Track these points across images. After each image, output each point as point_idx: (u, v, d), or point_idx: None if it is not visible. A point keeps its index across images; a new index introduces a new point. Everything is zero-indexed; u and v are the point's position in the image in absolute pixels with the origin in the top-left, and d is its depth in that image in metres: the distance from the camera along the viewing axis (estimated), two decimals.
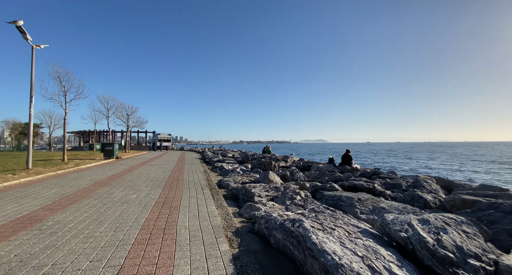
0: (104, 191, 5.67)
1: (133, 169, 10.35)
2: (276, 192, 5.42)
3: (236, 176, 7.97)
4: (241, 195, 5.43)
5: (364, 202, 4.28)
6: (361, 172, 7.68)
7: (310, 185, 6.16)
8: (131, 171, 9.44)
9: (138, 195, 5.27)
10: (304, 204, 4.12)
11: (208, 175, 8.62)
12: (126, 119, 27.75)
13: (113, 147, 15.83)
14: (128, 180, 7.34)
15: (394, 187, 5.63)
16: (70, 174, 8.60)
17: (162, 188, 6.07)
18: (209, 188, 6.15)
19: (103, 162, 13.79)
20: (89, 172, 9.13)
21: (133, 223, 3.47)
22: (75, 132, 47.92)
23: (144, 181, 7.09)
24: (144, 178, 7.78)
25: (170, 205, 4.47)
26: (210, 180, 7.50)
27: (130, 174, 8.69)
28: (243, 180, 7.23)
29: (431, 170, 20.72)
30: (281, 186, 5.69)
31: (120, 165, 12.19)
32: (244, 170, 9.95)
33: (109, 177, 7.96)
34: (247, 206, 4.28)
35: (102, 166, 11.45)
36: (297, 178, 7.78)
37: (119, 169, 10.14)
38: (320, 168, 9.11)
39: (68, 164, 11.28)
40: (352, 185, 5.64)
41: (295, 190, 5.16)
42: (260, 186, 5.52)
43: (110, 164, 12.50)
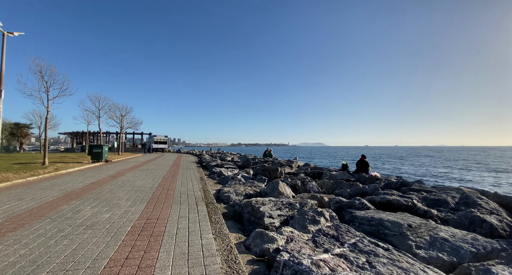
0: (70, 208, 4.44)
1: (120, 175, 9.09)
2: (290, 210, 4.24)
3: (237, 185, 6.78)
4: (246, 213, 4.23)
5: (417, 230, 3.12)
6: (385, 182, 6.53)
7: (331, 199, 4.99)
8: (116, 178, 8.19)
9: (113, 214, 4.05)
10: (337, 233, 2.94)
11: (204, 184, 7.41)
12: (119, 119, 26.45)
13: (101, 150, 14.53)
14: (107, 190, 6.10)
15: (438, 204, 4.48)
16: (42, 182, 7.33)
17: (147, 203, 4.85)
18: (205, 203, 4.94)
19: (89, 166, 12.49)
20: (66, 179, 7.86)
21: (86, 270, 2.27)
22: (68, 133, 46.31)
23: (127, 192, 5.86)
24: (128, 187, 6.55)
25: (150, 232, 3.25)
26: (207, 191, 6.29)
27: (113, 182, 7.44)
28: (247, 191, 6.04)
29: (455, 179, 18.07)
30: (296, 202, 4.51)
31: (107, 170, 10.91)
32: (246, 177, 8.75)
33: (86, 186, 6.71)
34: (256, 235, 3.09)
35: (86, 171, 10.18)
36: (309, 188, 6.60)
37: (102, 175, 8.87)
38: (334, 176, 7.94)
39: (46, 169, 9.99)
40: (385, 202, 4.47)
41: (316, 209, 3.99)
42: (270, 202, 4.33)
43: (96, 169, 11.22)
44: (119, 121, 26.35)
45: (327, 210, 4.06)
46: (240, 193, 5.80)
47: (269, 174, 8.86)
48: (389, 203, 4.42)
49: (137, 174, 9.45)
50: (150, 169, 11.28)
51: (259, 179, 7.91)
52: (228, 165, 13.15)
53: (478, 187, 9.21)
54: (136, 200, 5.11)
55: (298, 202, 4.47)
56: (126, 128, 27.56)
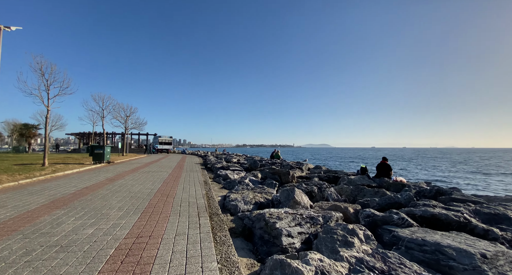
0: (51, 220, 3.77)
1: (118, 178, 8.47)
2: (312, 226, 3.46)
3: (245, 191, 6.03)
4: (258, 229, 3.47)
5: (494, 263, 2.29)
6: (416, 190, 5.66)
7: (357, 211, 4.18)
8: (113, 181, 7.55)
9: (97, 230, 3.35)
10: (386, 267, 2.15)
11: (209, 189, 6.69)
12: (124, 120, 26.12)
13: (103, 150, 14.03)
14: (100, 196, 5.44)
15: (497, 221, 3.61)
16: (35, 185, 6.74)
17: (141, 214, 4.14)
18: (208, 214, 4.21)
19: (90, 167, 11.96)
20: (61, 183, 7.27)
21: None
22: (75, 133, 46.53)
23: (121, 199, 5.18)
24: (124, 193, 5.88)
25: (138, 258, 2.53)
26: (211, 198, 5.56)
27: (109, 186, 6.80)
28: (256, 198, 5.28)
29: (486, 185, 15.89)
30: (317, 215, 3.73)
31: (106, 172, 10.34)
32: (254, 181, 8.00)
33: (79, 190, 6.08)
34: (275, 265, 2.32)
35: (84, 174, 9.61)
36: (327, 195, 5.79)
37: (100, 178, 8.26)
38: (353, 181, 7.09)
39: (44, 171, 9.46)
40: (429, 216, 3.63)
41: (345, 226, 3.20)
42: (287, 216, 3.55)
43: (95, 171, 10.65)
44: (123, 121, 26.04)
45: (360, 227, 3.26)
46: (249, 201, 5.04)
47: (279, 178, 8.08)
48: (435, 218, 3.58)
49: (137, 177, 8.81)
50: (151, 171, 10.65)
51: (269, 183, 7.14)
52: (234, 167, 12.42)
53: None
54: (130, 209, 4.41)
55: (321, 216, 3.68)
56: (130, 129, 27.23)
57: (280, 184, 7.28)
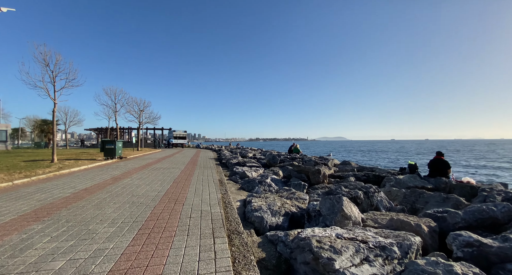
0: (18, 240, 2.81)
1: (125, 176, 7.62)
2: (387, 262, 2.23)
3: (269, 195, 4.89)
4: (302, 265, 2.31)
5: None
6: (502, 196, 4.20)
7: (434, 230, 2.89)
8: (118, 181, 6.69)
9: (70, 262, 2.33)
10: None
11: (225, 191, 5.61)
12: (138, 114, 25.77)
13: (114, 145, 13.43)
14: (96, 202, 4.51)
15: None
16: (29, 186, 5.99)
17: (137, 231, 3.11)
18: (226, 232, 3.10)
19: (100, 164, 11.35)
20: (60, 182, 6.50)
21: None
22: (93, 129, 47.62)
23: (119, 207, 4.21)
24: (126, 196, 4.92)
25: None
26: (229, 204, 4.46)
27: (111, 187, 5.91)
28: (286, 206, 4.11)
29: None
30: (389, 242, 2.48)
31: (115, 168, 9.60)
32: (277, 180, 6.83)
33: (75, 193, 5.21)
34: None
35: (90, 171, 8.90)
36: (376, 202, 4.49)
37: (105, 177, 7.45)
38: (403, 182, 5.72)
39: (49, 168, 8.87)
40: None
41: (447, 266, 1.95)
42: (346, 246, 2.34)
43: (104, 168, 9.96)
44: (137, 116, 25.69)
45: (469, 268, 1.99)
46: (278, 211, 3.88)
47: (307, 178, 6.84)
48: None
49: (145, 175, 7.93)
50: (163, 168, 9.79)
51: (295, 185, 5.94)
52: (251, 163, 11.31)
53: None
54: (125, 223, 3.39)
55: (395, 243, 2.44)
56: (144, 123, 26.88)
57: (309, 185, 6.05)
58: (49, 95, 10.71)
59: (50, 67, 10.63)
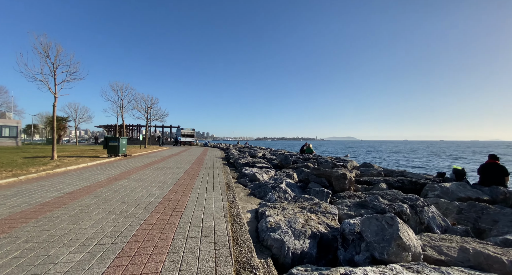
0: None
1: (123, 176, 6.87)
2: None
3: (286, 205, 3.97)
4: None
5: None
6: None
7: None
8: (113, 182, 5.92)
9: None
10: None
11: (232, 198, 4.72)
12: (145, 111, 25.35)
13: (118, 143, 12.82)
14: (76, 210, 3.71)
15: None
16: (11, 188, 5.28)
17: (112, 261, 2.25)
18: (234, 267, 2.19)
19: (100, 162, 10.72)
20: (48, 183, 5.79)
21: None
22: (103, 126, 48.00)
23: (101, 219, 3.38)
24: (114, 204, 4.11)
25: None
26: (237, 218, 3.55)
27: (103, 190, 5.12)
28: (312, 224, 3.17)
29: None
30: None
31: (116, 167, 8.91)
32: (292, 185, 5.89)
33: (57, 198, 4.45)
34: None
35: (88, 170, 8.23)
36: (427, 220, 3.46)
37: (101, 177, 6.72)
38: (450, 191, 4.64)
39: (46, 166, 8.26)
40: None
41: None
42: None
43: (103, 166, 9.30)
44: (144, 112, 25.28)
45: None
46: (302, 231, 2.95)
47: (328, 183, 5.85)
48: None
49: (145, 175, 7.15)
50: (166, 168, 9.03)
51: (316, 192, 4.97)
52: (261, 163, 10.40)
53: None
54: (100, 246, 2.54)
55: None
56: (152, 120, 26.47)
57: (333, 192, 5.06)
58: (49, 89, 10.15)
59: (50, 59, 10.05)
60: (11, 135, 24.99)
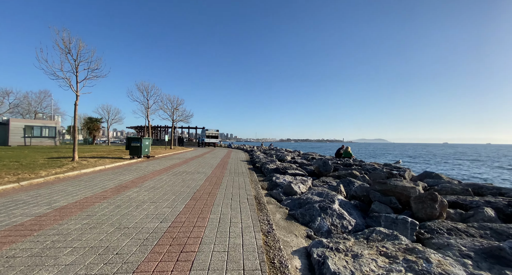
0: None
1: (134, 184, 5.85)
2: None
3: (357, 247, 2.43)
4: None
5: None
6: None
7: None
8: (119, 193, 4.87)
9: None
10: None
11: (268, 224, 3.30)
12: (171, 112, 25.24)
13: (140, 143, 12.21)
14: (44, 244, 2.58)
15: None
16: (5, 196, 4.48)
17: None
18: None
19: (120, 164, 10.07)
20: (48, 192, 4.92)
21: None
22: (133, 127, 50.10)
23: (71, 263, 2.19)
24: (105, 231, 2.94)
25: None
26: (282, 268, 2.11)
27: (101, 206, 4.04)
28: None
29: None
30: None
31: (133, 171, 8.05)
32: (347, 204, 4.29)
33: (36, 218, 3.42)
34: None
35: (101, 174, 7.44)
36: None
37: (109, 184, 5.76)
38: None
39: (62, 168, 7.67)
40: None
41: None
42: None
43: (120, 169, 8.52)
44: (170, 113, 25.17)
45: None
46: None
47: (398, 203, 4.13)
48: None
49: (161, 182, 6.07)
50: (186, 172, 7.95)
51: (391, 220, 3.34)
52: (293, 169, 8.85)
53: None
54: None
55: None
56: (177, 121, 26.31)
57: (417, 220, 3.37)
58: (70, 86, 9.74)
59: (72, 55, 9.64)
60: (50, 135, 26.52)
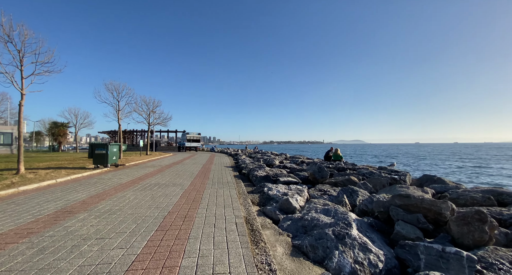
0: None
1: (83, 207, 4.44)
2: None
3: None
4: None
5: None
6: None
7: None
8: (57, 223, 3.48)
9: None
10: None
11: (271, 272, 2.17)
12: (147, 115, 23.26)
13: (107, 150, 10.50)
14: None
15: None
16: None
17: None
18: None
19: (77, 176, 8.38)
20: None
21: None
22: (106, 132, 46.46)
23: None
24: None
25: None
26: None
27: (14, 251, 2.68)
28: None
29: None
30: None
31: (90, 186, 6.51)
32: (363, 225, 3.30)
33: None
34: None
35: (46, 192, 5.87)
36: None
37: (46, 209, 4.29)
38: None
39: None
40: None
41: None
42: None
43: (74, 184, 6.92)
44: (146, 116, 23.19)
45: None
46: None
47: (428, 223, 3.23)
48: None
49: (121, 202, 4.71)
50: (159, 185, 6.59)
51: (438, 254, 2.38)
52: (284, 177, 7.83)
53: None
54: None
55: None
56: (154, 125, 24.34)
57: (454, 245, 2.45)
58: (12, 83, 7.94)
59: (16, 45, 7.88)
60: (6, 142, 23.28)
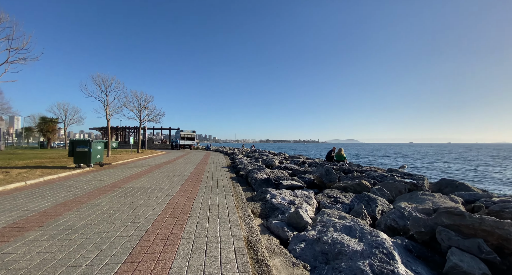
0: None
1: (40, 221, 3.51)
2: None
3: None
4: None
5: None
6: None
7: None
8: None
9: None
10: None
11: None
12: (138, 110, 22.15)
13: (89, 148, 9.48)
14: None
15: None
16: None
17: None
18: None
19: (52, 177, 7.39)
20: None
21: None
22: (97, 128, 44.83)
23: None
24: None
25: None
26: None
27: None
28: None
29: None
30: None
31: (65, 189, 5.56)
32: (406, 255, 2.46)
33: None
34: None
35: (14, 196, 4.90)
36: None
37: (4, 220, 3.37)
38: None
39: None
40: None
41: None
42: None
43: (49, 186, 5.95)
44: (137, 112, 22.09)
45: None
46: None
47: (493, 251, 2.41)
48: None
49: (93, 213, 3.79)
50: (143, 190, 5.67)
51: None
52: (288, 180, 6.99)
53: None
54: None
55: None
56: (146, 121, 23.23)
57: None
58: None
59: None
60: None
